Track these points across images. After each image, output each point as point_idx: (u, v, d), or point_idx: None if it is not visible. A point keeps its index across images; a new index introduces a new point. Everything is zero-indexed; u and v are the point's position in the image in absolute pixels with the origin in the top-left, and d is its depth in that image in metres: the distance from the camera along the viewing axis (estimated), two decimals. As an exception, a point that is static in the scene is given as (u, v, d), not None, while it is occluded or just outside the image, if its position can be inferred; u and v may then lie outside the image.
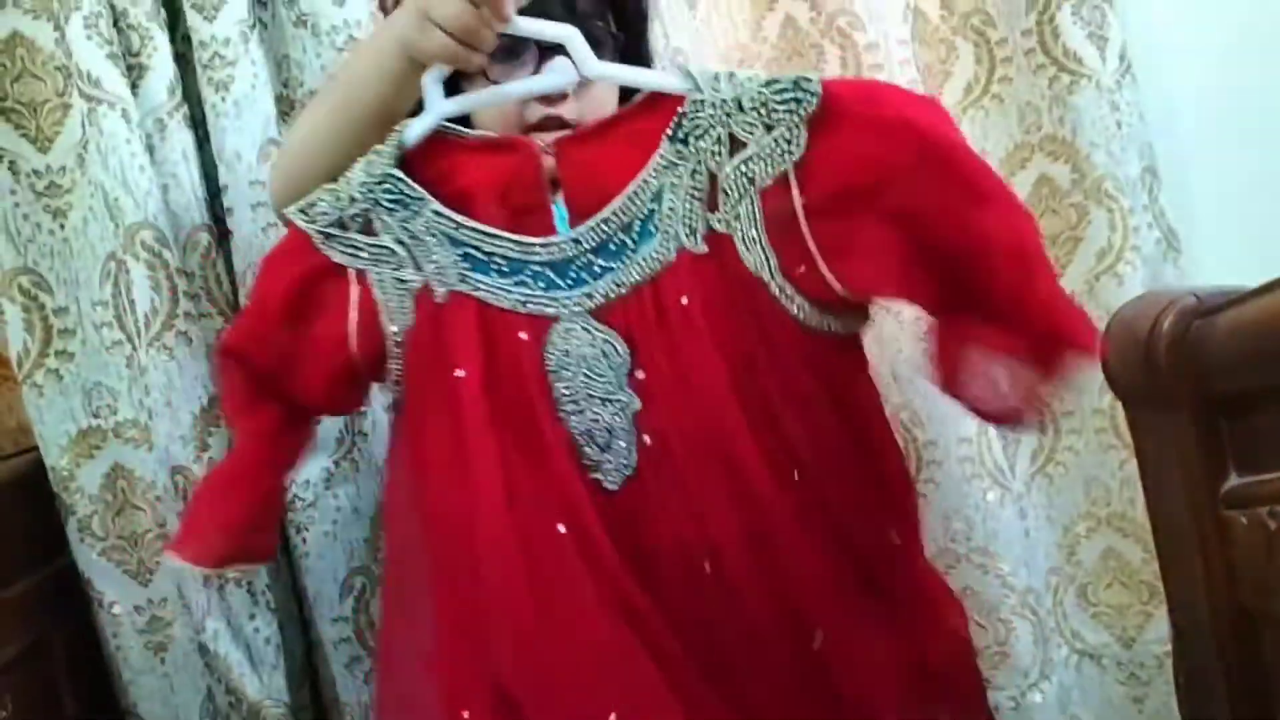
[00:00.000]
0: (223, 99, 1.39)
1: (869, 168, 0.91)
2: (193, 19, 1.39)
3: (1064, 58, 1.48)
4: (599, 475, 0.97)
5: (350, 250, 1.01)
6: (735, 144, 0.93)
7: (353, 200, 1.00)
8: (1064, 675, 1.57)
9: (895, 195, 0.91)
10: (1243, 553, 0.98)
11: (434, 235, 0.99)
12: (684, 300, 0.93)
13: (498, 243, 0.98)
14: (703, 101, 0.92)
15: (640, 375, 0.96)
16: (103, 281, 1.35)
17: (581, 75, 0.98)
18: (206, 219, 1.41)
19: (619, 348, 0.96)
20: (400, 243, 0.99)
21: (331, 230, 1.01)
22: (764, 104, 0.91)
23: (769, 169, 0.93)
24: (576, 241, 0.97)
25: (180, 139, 1.39)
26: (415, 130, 1.00)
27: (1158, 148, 1.50)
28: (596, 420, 0.96)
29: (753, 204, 0.93)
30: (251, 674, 1.39)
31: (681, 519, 0.95)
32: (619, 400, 0.96)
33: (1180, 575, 1.06)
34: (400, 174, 1.00)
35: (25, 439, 1.41)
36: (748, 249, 0.93)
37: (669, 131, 0.94)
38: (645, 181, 0.95)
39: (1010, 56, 1.52)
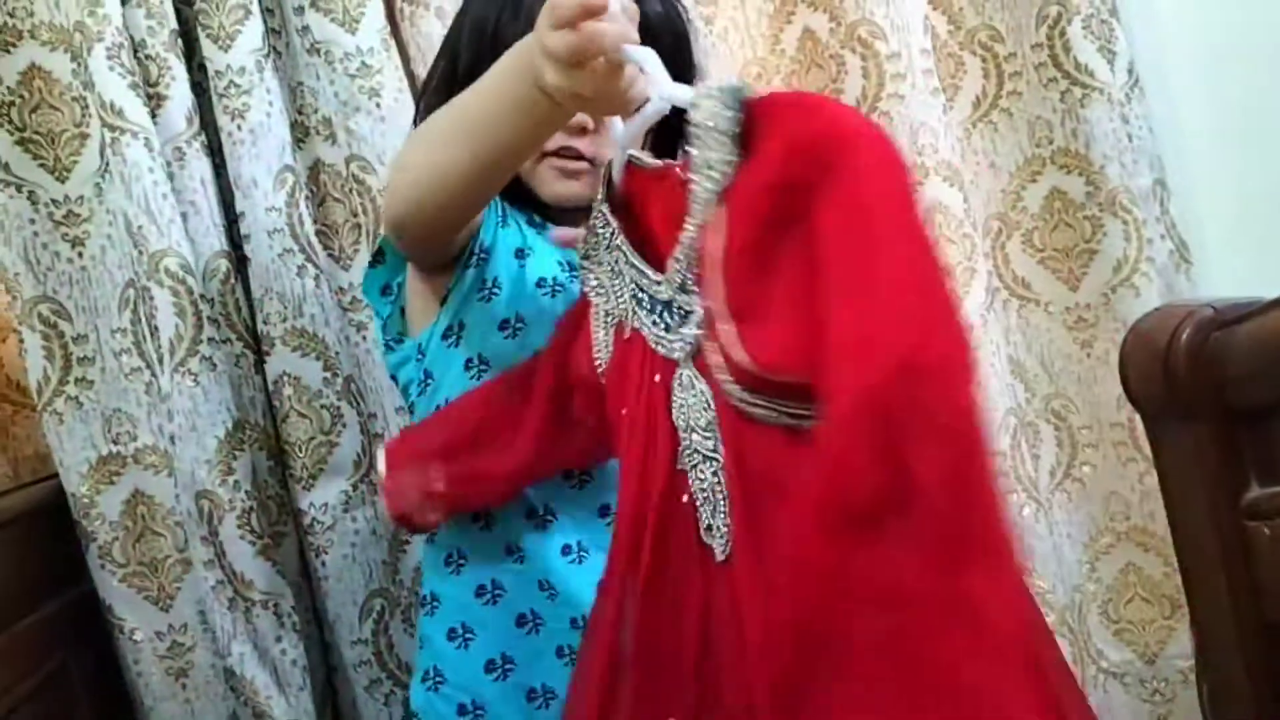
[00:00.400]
0: (238, 126, 1.40)
1: (780, 188, 0.75)
2: (208, 49, 1.40)
3: (1076, 71, 1.49)
4: (711, 542, 0.84)
5: (587, 279, 1.00)
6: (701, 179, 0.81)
7: (588, 233, 0.99)
8: (1094, 696, 1.56)
9: (803, 228, 0.74)
10: (1266, 564, 0.98)
11: (618, 268, 0.94)
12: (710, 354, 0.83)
13: (641, 278, 0.90)
14: (691, 123, 0.81)
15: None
16: (121, 309, 1.37)
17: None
18: (225, 245, 1.42)
19: (710, 400, 0.83)
20: (608, 275, 0.96)
21: (583, 260, 1.00)
22: (711, 122, 0.78)
23: (704, 202, 0.80)
24: (670, 280, 0.86)
25: (198, 166, 1.41)
26: (616, 168, 0.96)
27: (1165, 160, 1.51)
28: (703, 479, 0.84)
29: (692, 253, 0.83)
30: (279, 696, 1.40)
31: (759, 613, 0.79)
32: (716, 459, 0.83)
33: (1203, 588, 1.06)
34: (604, 208, 0.96)
35: (45, 467, 1.42)
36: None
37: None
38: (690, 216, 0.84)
39: (1020, 71, 1.53)
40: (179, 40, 1.41)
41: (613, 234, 0.95)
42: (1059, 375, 1.57)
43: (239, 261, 1.44)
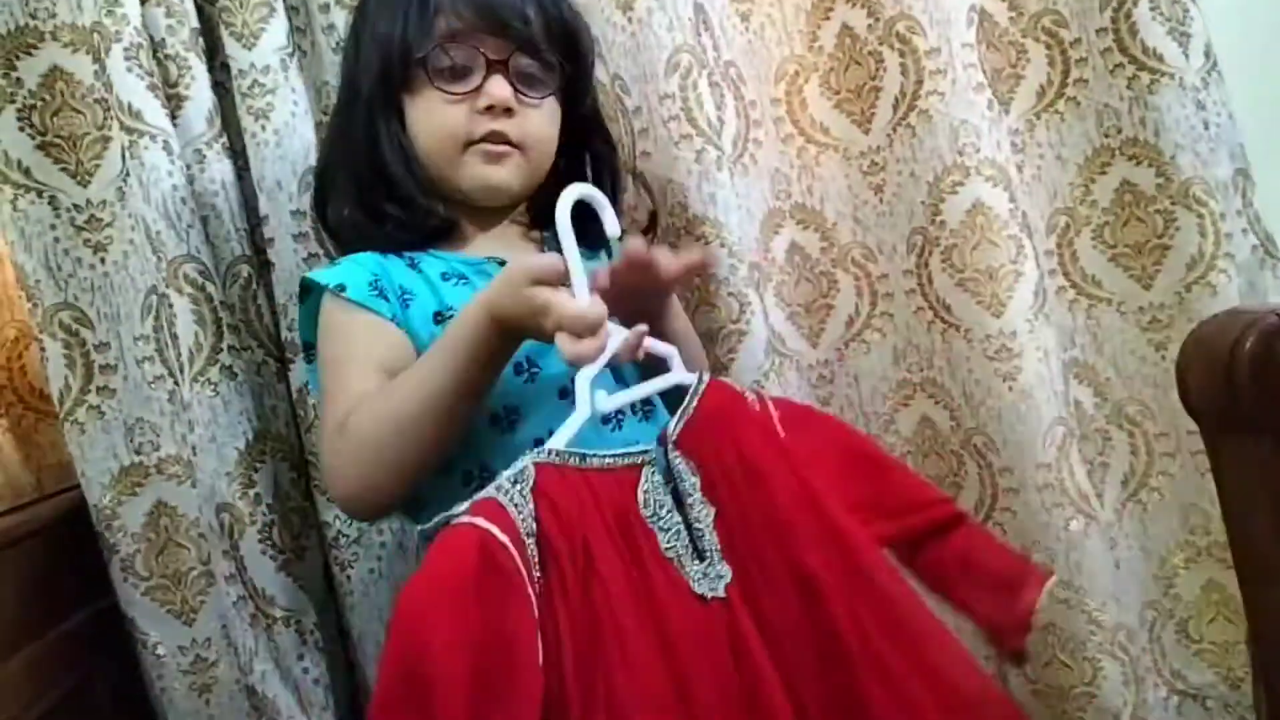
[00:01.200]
0: (262, 127, 1.38)
1: None
2: (231, 47, 1.39)
3: (1143, 56, 1.41)
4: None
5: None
6: None
7: None
8: (1162, 718, 1.48)
9: None
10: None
11: None
12: None
13: None
14: None
15: None
16: (144, 316, 1.35)
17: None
18: (247, 250, 1.41)
19: None
20: None
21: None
22: None
23: None
24: None
25: (219, 169, 1.39)
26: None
27: (1249, 150, 1.42)
28: None
29: None
30: (301, 715, 1.38)
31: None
32: None
33: (1264, 604, 1.00)
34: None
35: (69, 477, 1.41)
36: None
37: None
38: None
39: (1085, 57, 1.45)
40: (200, 39, 1.39)
41: None
42: (1132, 379, 1.49)
43: (262, 266, 1.42)
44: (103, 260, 1.36)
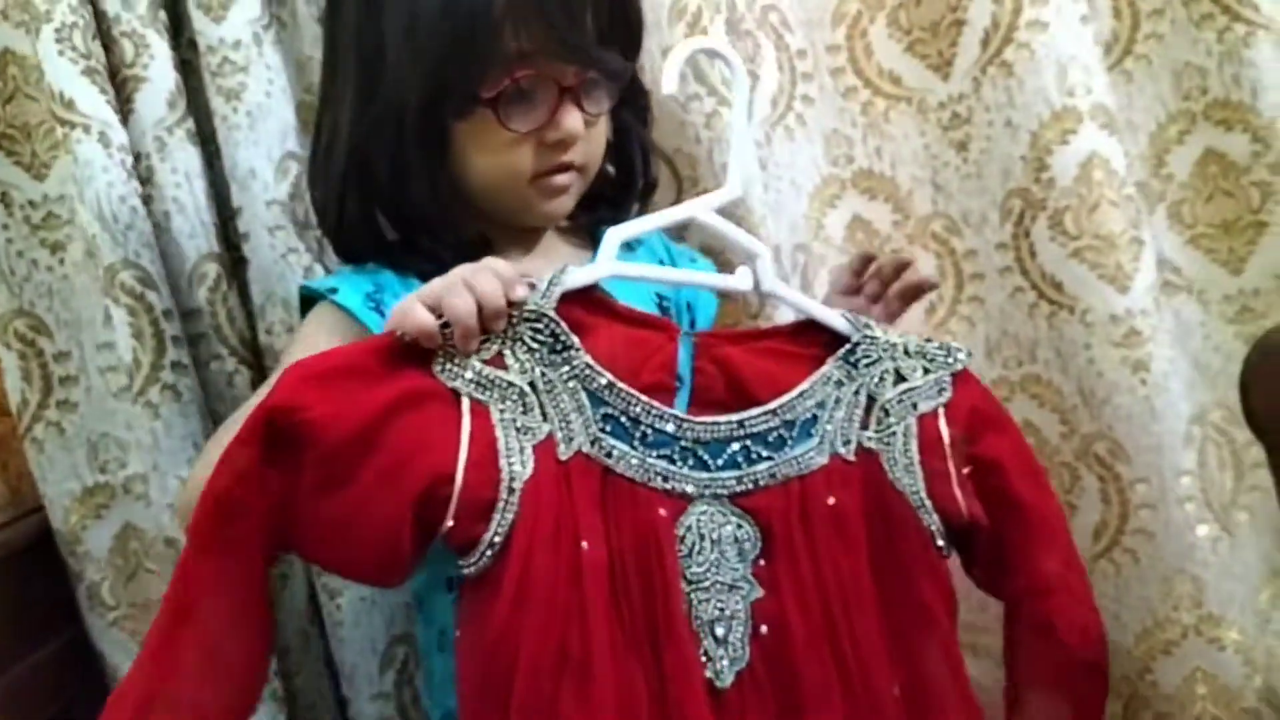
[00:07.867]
0: (234, 109, 1.34)
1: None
2: (199, 20, 1.33)
3: (1237, 4, 1.31)
4: (711, 674, 0.98)
5: (474, 380, 0.96)
6: (898, 377, 1.09)
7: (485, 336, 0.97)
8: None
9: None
10: None
11: (575, 389, 0.99)
12: (830, 501, 1.04)
13: (653, 413, 1.01)
14: (874, 339, 1.09)
15: (763, 563, 1.02)
16: (105, 322, 1.32)
17: (763, 290, 1.09)
18: (216, 247, 1.37)
19: (754, 534, 1.02)
20: (532, 386, 0.98)
21: (453, 353, 0.96)
22: (924, 354, 1.10)
23: (928, 403, 1.09)
24: (741, 425, 1.03)
25: (183, 157, 1.34)
26: (580, 277, 1.01)
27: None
28: (722, 609, 0.99)
29: (910, 429, 1.07)
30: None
31: (790, 713, 0.99)
32: (742, 588, 1.01)
33: None
34: (558, 317, 0.98)
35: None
36: (896, 466, 1.06)
37: (842, 354, 1.08)
38: (812, 389, 1.06)
39: (1162, 9, 1.35)
40: (162, 12, 1.35)
41: (572, 352, 0.99)
42: (1216, 379, 1.38)
43: (234, 264, 1.38)
44: (61, 261, 1.33)
